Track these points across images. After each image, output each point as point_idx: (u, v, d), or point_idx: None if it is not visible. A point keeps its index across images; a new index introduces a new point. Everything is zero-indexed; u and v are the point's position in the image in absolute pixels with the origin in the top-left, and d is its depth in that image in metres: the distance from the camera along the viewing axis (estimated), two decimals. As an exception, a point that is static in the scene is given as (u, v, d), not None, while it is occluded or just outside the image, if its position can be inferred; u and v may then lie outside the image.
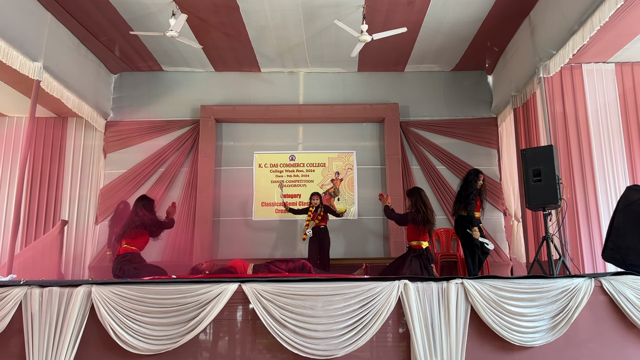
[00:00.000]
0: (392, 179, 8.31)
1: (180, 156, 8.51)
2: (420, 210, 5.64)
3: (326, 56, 8.33)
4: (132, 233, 5.85)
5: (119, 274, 5.68)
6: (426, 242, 5.69)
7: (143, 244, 6.00)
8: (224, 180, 8.58)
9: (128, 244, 5.85)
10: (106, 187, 8.35)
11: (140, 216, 5.87)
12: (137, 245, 5.91)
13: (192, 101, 8.73)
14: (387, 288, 3.72)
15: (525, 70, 7.03)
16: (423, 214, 5.62)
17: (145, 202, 6.05)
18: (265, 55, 8.31)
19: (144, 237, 5.96)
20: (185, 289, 3.73)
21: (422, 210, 5.62)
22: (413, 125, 8.68)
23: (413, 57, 8.34)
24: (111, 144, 8.53)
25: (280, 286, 3.74)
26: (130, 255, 5.78)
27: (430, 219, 5.68)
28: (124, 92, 8.81)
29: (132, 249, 5.84)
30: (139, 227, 5.82)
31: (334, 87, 8.85)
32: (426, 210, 5.64)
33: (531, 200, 5.49)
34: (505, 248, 8.19)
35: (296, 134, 8.82)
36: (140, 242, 5.94)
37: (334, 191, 8.61)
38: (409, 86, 8.86)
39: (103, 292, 3.73)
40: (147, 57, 8.34)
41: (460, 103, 8.74)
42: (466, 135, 8.57)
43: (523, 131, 7.25)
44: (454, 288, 3.73)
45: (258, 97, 8.79)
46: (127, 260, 5.72)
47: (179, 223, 8.00)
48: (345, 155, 8.73)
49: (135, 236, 5.87)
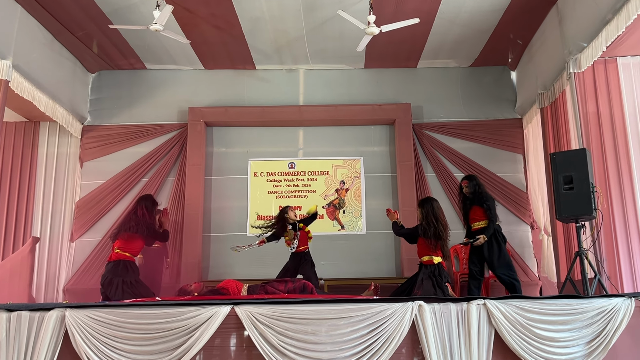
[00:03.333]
0: (404, 189, 8.29)
1: (166, 164, 8.52)
2: (432, 223, 5.63)
3: (329, 51, 8.35)
4: (126, 235, 5.86)
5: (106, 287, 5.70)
6: (439, 257, 5.67)
7: (137, 250, 6.03)
8: (215, 191, 8.57)
9: (121, 248, 5.88)
10: (83, 200, 8.35)
11: (138, 217, 5.91)
12: (132, 251, 5.94)
13: (179, 103, 8.75)
14: (399, 310, 3.70)
15: (553, 65, 7.02)
16: (434, 227, 5.60)
17: (147, 204, 6.10)
18: (260, 51, 8.34)
19: (139, 241, 5.98)
20: (171, 313, 3.72)
21: (433, 224, 5.61)
22: (427, 128, 8.67)
23: (427, 51, 8.35)
24: (88, 151, 8.55)
25: (278, 309, 3.73)
26: (123, 264, 5.81)
27: (442, 234, 5.66)
28: (103, 93, 8.84)
29: (125, 255, 5.87)
30: (133, 231, 5.84)
31: (338, 85, 8.85)
32: (437, 223, 5.63)
33: (562, 211, 5.46)
34: (533, 265, 8.15)
35: (296, 139, 8.82)
36: (135, 247, 5.97)
37: (339, 203, 8.57)
38: (422, 84, 8.86)
39: (78, 317, 3.72)
40: (129, 53, 8.38)
41: (480, 102, 8.72)
42: (487, 139, 8.56)
43: (552, 133, 7.23)
44: (475, 310, 3.71)
45: (253, 98, 8.80)
46: (119, 271, 5.75)
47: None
48: (352, 162, 8.73)
49: (130, 240, 5.89)
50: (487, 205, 6.17)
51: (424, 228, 5.70)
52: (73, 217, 8.31)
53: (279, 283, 5.46)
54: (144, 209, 6.06)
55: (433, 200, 5.93)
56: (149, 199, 6.27)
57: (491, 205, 6.19)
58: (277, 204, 8.31)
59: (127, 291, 5.69)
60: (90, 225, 8.26)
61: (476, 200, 6.26)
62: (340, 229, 8.47)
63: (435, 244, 5.62)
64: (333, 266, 8.05)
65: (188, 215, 8.24)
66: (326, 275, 7.77)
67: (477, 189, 6.28)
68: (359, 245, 8.39)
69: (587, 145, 6.29)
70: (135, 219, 5.96)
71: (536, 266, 8.14)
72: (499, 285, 7.77)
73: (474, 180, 6.40)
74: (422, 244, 5.77)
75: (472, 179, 6.43)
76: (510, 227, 8.20)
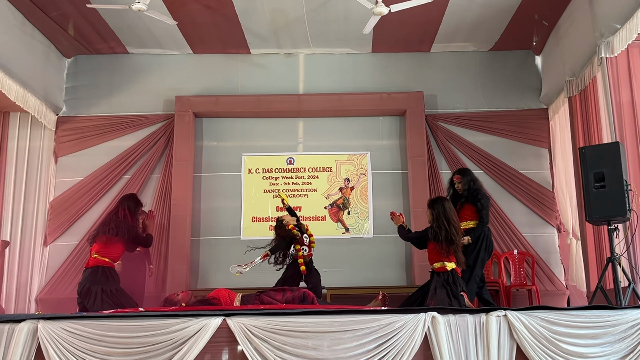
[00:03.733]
0: (416, 187, 8.30)
1: (150, 160, 8.52)
2: (443, 226, 5.62)
3: (332, 33, 8.34)
4: (104, 239, 5.87)
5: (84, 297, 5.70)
6: (452, 263, 5.67)
7: (117, 255, 6.04)
8: (205, 190, 8.57)
9: (99, 253, 5.89)
10: (57, 199, 8.37)
11: (119, 219, 5.92)
12: (111, 256, 5.95)
13: (165, 91, 8.75)
14: (410, 322, 3.71)
15: (582, 49, 7.01)
16: (446, 230, 5.59)
17: (130, 204, 6.11)
18: (255, 33, 8.34)
19: (119, 246, 6.00)
20: (156, 325, 3.72)
21: (445, 226, 5.60)
22: (442, 119, 8.67)
23: (441, 33, 8.34)
24: (64, 145, 8.56)
25: (275, 321, 3.73)
26: (102, 271, 5.81)
27: (455, 237, 5.65)
28: (80, 80, 8.84)
29: (104, 261, 5.88)
30: (113, 234, 5.85)
31: (342, 72, 8.85)
32: (449, 226, 5.62)
33: (592, 212, 5.45)
34: (560, 273, 8.15)
35: (295, 132, 8.83)
36: (114, 252, 5.98)
37: (343, 203, 8.59)
38: (436, 70, 8.86)
39: (52, 329, 3.72)
40: (109, 36, 8.38)
41: (501, 91, 8.72)
42: (509, 132, 8.56)
43: (581, 125, 7.22)
44: (495, 322, 3.71)
45: (247, 86, 8.80)
46: (98, 279, 5.75)
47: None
48: (357, 158, 8.73)
49: (109, 244, 5.90)
50: (481, 203, 6.27)
51: (434, 231, 5.69)
52: (47, 218, 8.31)
53: (276, 292, 5.46)
54: (126, 209, 6.07)
55: (444, 200, 5.92)
56: (132, 199, 6.29)
57: (485, 205, 6.30)
58: (274, 204, 8.32)
59: (106, 301, 5.70)
60: (66, 227, 8.26)
61: (470, 198, 6.32)
62: (345, 232, 8.47)
63: (447, 248, 5.62)
64: (337, 273, 8.05)
65: (175, 216, 8.24)
66: (329, 283, 7.74)
67: (472, 185, 6.38)
68: (365, 250, 8.39)
69: (620, 139, 6.27)
70: (116, 220, 5.97)
71: (563, 273, 8.15)
72: (521, 294, 7.80)
73: (468, 176, 6.51)
74: (433, 249, 5.76)
75: (467, 174, 6.54)
76: (534, 230, 8.27)
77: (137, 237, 6.11)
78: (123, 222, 5.96)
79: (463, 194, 6.43)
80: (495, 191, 8.30)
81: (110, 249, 5.95)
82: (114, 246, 5.97)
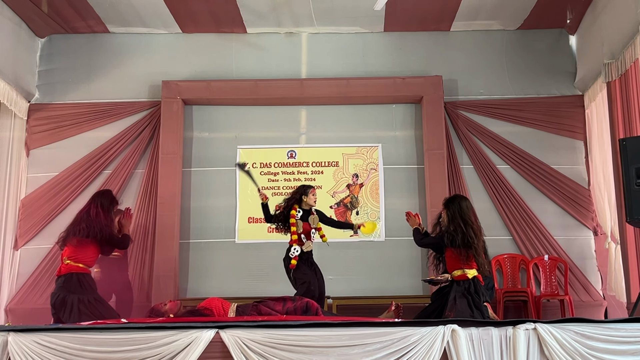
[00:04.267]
0: (433, 184, 8.28)
1: (133, 153, 8.53)
2: (459, 228, 5.60)
3: (339, 10, 8.32)
4: (75, 241, 5.88)
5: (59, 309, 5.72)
6: (473, 270, 5.66)
7: (91, 259, 6.03)
8: (196, 187, 8.58)
9: (72, 258, 5.90)
10: (29, 197, 8.38)
11: (90, 218, 5.91)
12: (85, 261, 5.96)
13: (150, 75, 8.75)
14: (427, 336, 3.71)
15: (623, 28, 6.98)
16: (463, 233, 5.57)
17: (104, 201, 6.11)
18: (252, 10, 8.33)
19: (92, 248, 6.00)
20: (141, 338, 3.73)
21: (461, 229, 5.58)
22: (463, 107, 8.65)
23: (463, 10, 8.31)
24: (37, 136, 8.58)
25: (275, 334, 3.74)
26: (76, 278, 5.83)
27: (473, 240, 5.62)
28: (55, 63, 8.86)
29: (78, 266, 5.90)
30: (84, 235, 5.85)
31: (350, 54, 8.84)
32: (466, 228, 5.60)
33: (634, 213, 5.43)
34: (597, 281, 8.14)
35: (297, 121, 8.82)
36: (87, 255, 5.97)
37: (351, 202, 8.59)
38: (456, 52, 8.85)
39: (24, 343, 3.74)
40: (87, 13, 8.38)
41: (530, 75, 8.71)
42: (539, 121, 8.54)
43: (621, 114, 7.21)
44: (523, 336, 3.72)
45: (243, 69, 8.80)
46: (72, 287, 5.77)
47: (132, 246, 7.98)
48: (367, 151, 8.73)
49: (80, 247, 5.90)
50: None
51: (450, 235, 5.67)
52: (17, 218, 8.33)
53: (275, 302, 5.47)
54: (98, 207, 6.05)
55: (461, 198, 5.90)
56: (105, 195, 6.27)
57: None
58: (274, 202, 8.29)
59: (84, 312, 5.71)
60: (39, 229, 8.29)
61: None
62: (353, 234, 8.46)
63: (466, 254, 5.61)
64: (344, 281, 8.06)
65: (161, 216, 8.25)
66: (335, 292, 7.77)
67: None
68: (376, 255, 8.39)
69: (665, 129, 6.26)
70: (87, 220, 5.95)
71: (600, 282, 8.12)
72: (552, 305, 7.80)
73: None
74: (452, 256, 5.75)
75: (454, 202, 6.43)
76: (568, 232, 8.26)
77: (112, 237, 6.08)
78: (95, 221, 5.93)
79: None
80: (523, 189, 8.31)
81: (83, 252, 5.94)
82: (86, 249, 5.96)
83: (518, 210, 8.22)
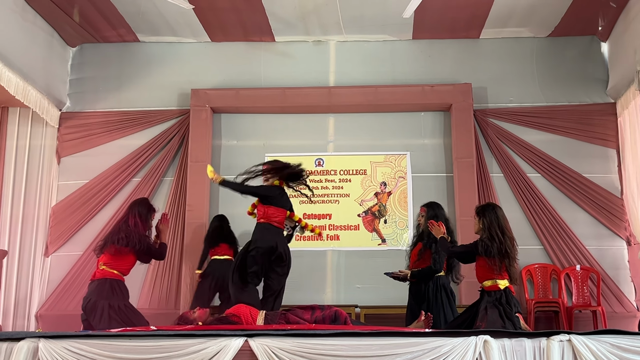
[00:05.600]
0: (463, 193, 8.24)
1: (162, 161, 8.60)
2: (496, 237, 5.53)
3: (367, 18, 8.33)
4: (113, 249, 5.91)
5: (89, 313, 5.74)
6: (505, 281, 5.58)
7: (127, 268, 6.05)
8: (224, 195, 8.61)
9: (108, 265, 5.93)
10: (60, 204, 8.47)
11: (129, 228, 5.94)
12: (121, 269, 5.98)
13: (180, 84, 8.83)
14: (459, 347, 3.67)
15: (657, 34, 6.90)
16: (499, 242, 5.50)
17: (142, 210, 6.12)
18: (281, 19, 8.36)
19: (130, 257, 6.03)
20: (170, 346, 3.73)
21: (499, 237, 5.51)
22: (493, 115, 8.61)
23: (492, 17, 8.29)
24: (68, 144, 8.68)
25: (304, 342, 3.72)
26: (109, 284, 5.85)
27: (510, 250, 5.57)
28: (86, 71, 8.97)
29: (112, 273, 5.92)
30: (122, 244, 5.88)
31: (378, 61, 8.85)
32: (503, 237, 5.53)
33: (669, 222, 5.34)
34: (631, 292, 8.02)
35: (325, 129, 8.83)
36: (124, 264, 6.01)
37: (379, 210, 8.55)
38: (486, 60, 8.82)
39: (54, 349, 3.75)
40: (118, 23, 8.48)
41: (561, 83, 8.65)
42: (571, 129, 8.47)
43: (655, 122, 7.12)
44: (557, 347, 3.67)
45: (271, 78, 8.84)
46: (105, 293, 5.79)
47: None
48: (395, 159, 8.69)
49: (118, 255, 5.93)
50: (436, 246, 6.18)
51: (485, 245, 5.58)
52: (48, 225, 8.43)
53: (304, 311, 5.44)
54: (136, 217, 6.08)
55: (496, 207, 5.83)
56: (143, 204, 6.27)
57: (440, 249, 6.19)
58: (302, 210, 8.29)
59: (114, 318, 5.73)
60: (70, 236, 8.38)
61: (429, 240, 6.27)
62: (381, 243, 8.43)
63: (500, 263, 5.53)
64: (371, 290, 8.03)
65: (190, 224, 8.30)
66: (363, 301, 7.76)
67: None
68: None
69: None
70: (126, 229, 5.98)
71: (634, 293, 8.02)
72: (584, 316, 7.69)
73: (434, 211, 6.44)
74: (484, 265, 5.67)
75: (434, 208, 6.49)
76: (600, 242, 8.17)
77: (149, 247, 6.13)
78: (134, 231, 5.98)
79: (424, 233, 6.34)
80: (554, 198, 8.23)
81: (119, 260, 5.98)
82: (124, 258, 6.00)
83: (549, 219, 8.13)
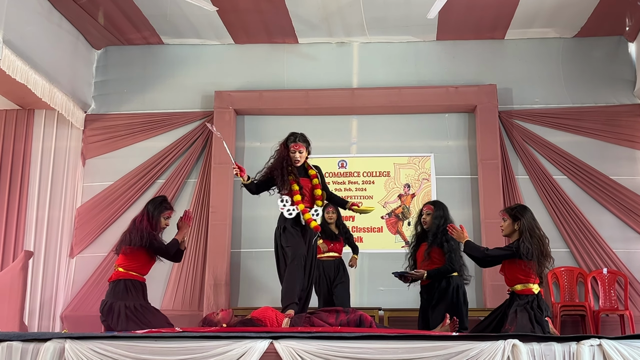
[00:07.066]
0: (488, 195, 8.20)
1: (186, 163, 8.64)
2: (539, 240, 5.45)
3: (391, 19, 8.31)
4: (125, 250, 5.77)
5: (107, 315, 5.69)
6: (537, 286, 5.50)
7: (143, 266, 5.83)
8: (248, 196, 8.55)
9: (123, 266, 5.75)
10: (85, 206, 8.54)
11: (135, 226, 5.79)
12: (136, 268, 5.77)
13: (204, 86, 8.87)
14: (487, 350, 3.62)
15: (687, 34, 6.80)
16: (541, 244, 5.43)
17: (150, 207, 5.90)
18: (304, 20, 8.36)
19: (142, 256, 5.77)
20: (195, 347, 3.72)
21: (538, 240, 5.44)
22: (518, 117, 8.57)
23: (518, 18, 8.24)
24: (92, 145, 8.75)
25: (329, 345, 3.70)
26: (123, 284, 5.75)
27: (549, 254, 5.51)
28: (111, 74, 9.04)
29: (128, 273, 5.75)
30: (127, 243, 5.74)
31: (402, 63, 8.83)
32: (543, 240, 5.46)
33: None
34: (659, 296, 7.91)
35: (348, 131, 8.83)
36: (138, 263, 5.74)
37: (403, 212, 8.52)
38: (511, 60, 8.78)
39: (81, 350, 3.76)
40: (142, 25, 8.53)
41: (588, 83, 8.59)
42: (597, 131, 8.41)
43: (685, 123, 7.01)
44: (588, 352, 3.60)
45: (294, 79, 8.85)
46: (119, 294, 5.70)
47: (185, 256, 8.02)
48: (419, 160, 8.66)
49: (132, 255, 5.77)
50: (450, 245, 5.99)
51: (526, 247, 5.48)
52: (73, 226, 8.50)
53: (328, 314, 5.40)
54: (144, 214, 5.88)
55: (528, 208, 5.76)
56: (154, 202, 6.04)
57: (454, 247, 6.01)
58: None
59: (131, 318, 5.60)
60: (94, 237, 8.44)
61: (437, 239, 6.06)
62: (404, 245, 8.37)
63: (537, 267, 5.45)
64: (395, 293, 7.92)
65: (213, 225, 8.32)
66: (386, 304, 7.72)
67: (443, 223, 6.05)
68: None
69: None
70: (133, 227, 5.84)
71: (663, 297, 7.92)
72: (611, 320, 7.59)
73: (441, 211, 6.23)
74: (516, 268, 5.57)
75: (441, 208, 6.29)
76: (627, 245, 8.09)
77: (152, 244, 5.81)
78: (137, 227, 5.80)
79: (430, 232, 6.18)
80: (581, 200, 8.16)
81: (133, 260, 5.77)
82: (136, 257, 5.77)
83: (575, 222, 8.05)
